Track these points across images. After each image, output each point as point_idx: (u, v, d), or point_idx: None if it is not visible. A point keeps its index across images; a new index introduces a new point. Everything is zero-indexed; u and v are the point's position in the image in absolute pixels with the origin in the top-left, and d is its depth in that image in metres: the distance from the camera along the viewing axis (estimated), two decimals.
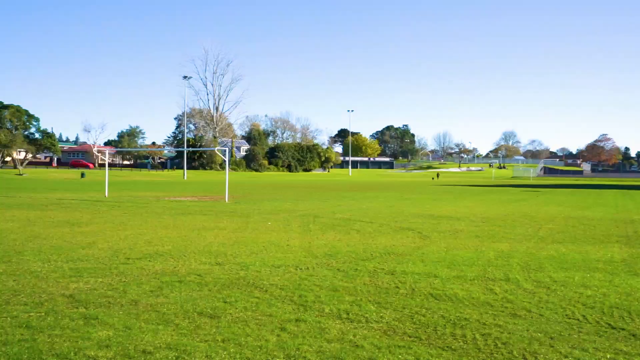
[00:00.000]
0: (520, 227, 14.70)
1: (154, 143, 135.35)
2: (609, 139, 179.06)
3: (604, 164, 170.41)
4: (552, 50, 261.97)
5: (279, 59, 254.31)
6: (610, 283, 7.54)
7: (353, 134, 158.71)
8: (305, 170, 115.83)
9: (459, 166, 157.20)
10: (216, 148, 42.65)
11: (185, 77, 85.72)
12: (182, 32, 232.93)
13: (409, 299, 6.48)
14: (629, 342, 4.98)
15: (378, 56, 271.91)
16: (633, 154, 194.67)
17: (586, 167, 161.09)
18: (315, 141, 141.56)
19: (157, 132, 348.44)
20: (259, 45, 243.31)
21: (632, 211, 21.26)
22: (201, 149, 63.65)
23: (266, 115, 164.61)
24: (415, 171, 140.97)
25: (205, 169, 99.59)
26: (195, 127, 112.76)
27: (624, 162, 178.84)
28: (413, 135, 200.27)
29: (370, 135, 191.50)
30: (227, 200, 25.40)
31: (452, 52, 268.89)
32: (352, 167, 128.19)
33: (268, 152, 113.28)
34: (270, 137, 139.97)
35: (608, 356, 4.59)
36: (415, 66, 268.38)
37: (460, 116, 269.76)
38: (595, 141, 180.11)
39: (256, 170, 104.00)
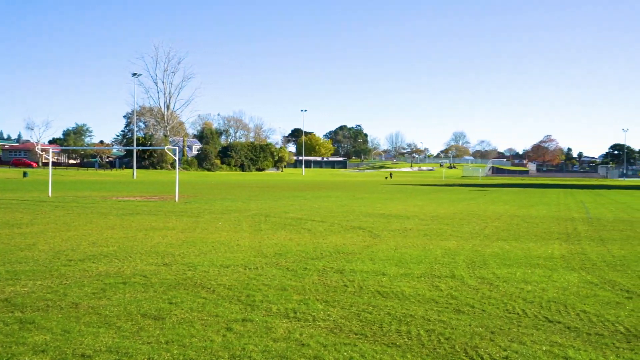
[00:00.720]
0: (467, 226, 15.06)
1: (102, 142, 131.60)
2: (552, 140, 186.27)
3: (548, 164, 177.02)
4: (500, 52, 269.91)
5: (231, 57, 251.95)
6: (549, 278, 7.82)
7: (306, 133, 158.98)
8: (259, 169, 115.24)
9: (411, 166, 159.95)
10: (166, 147, 41.84)
11: (134, 74, 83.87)
12: (132, 28, 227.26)
13: (357, 297, 6.53)
14: (564, 334, 5.18)
15: (331, 57, 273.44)
16: (575, 154, 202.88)
17: (532, 167, 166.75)
18: (269, 140, 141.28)
19: (106, 130, 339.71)
20: (211, 44, 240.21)
21: (573, 210, 22.13)
22: (151, 147, 62.41)
23: (219, 114, 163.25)
24: (368, 171, 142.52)
25: (155, 168, 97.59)
26: (145, 125, 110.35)
27: (567, 162, 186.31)
28: (366, 135, 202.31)
29: (324, 135, 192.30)
30: (177, 200, 24.97)
31: (403, 54, 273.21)
32: (305, 167, 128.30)
33: (221, 151, 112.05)
34: (223, 136, 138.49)
35: (544, 348, 4.75)
36: (367, 67, 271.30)
37: (412, 117, 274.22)
38: (540, 142, 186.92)
39: (208, 170, 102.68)
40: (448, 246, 10.99)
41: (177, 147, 30.79)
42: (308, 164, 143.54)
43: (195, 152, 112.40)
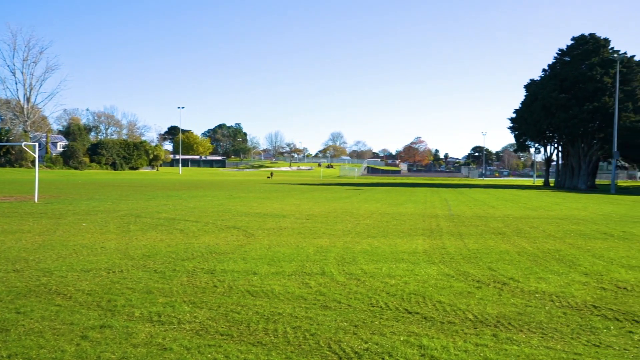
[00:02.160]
0: (340, 224, 15.50)
1: None
2: (422, 142, 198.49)
3: (418, 164, 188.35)
4: (373, 54, 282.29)
5: (103, 49, 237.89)
6: (412, 272, 8.28)
7: (184, 131, 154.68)
8: (132, 168, 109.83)
9: (290, 165, 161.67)
10: (24, 143, 38.31)
11: None
12: None
13: (226, 297, 6.44)
14: (421, 324, 5.51)
15: (211, 53, 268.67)
16: (442, 155, 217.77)
17: (403, 167, 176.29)
18: (143, 138, 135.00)
19: None
20: (79, 33, 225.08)
21: (437, 207, 23.66)
22: (7, 143, 56.83)
23: (88, 109, 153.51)
24: (248, 170, 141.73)
25: (13, 166, 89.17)
26: (1, 119, 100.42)
27: (435, 163, 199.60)
28: (245, 134, 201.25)
29: (202, 133, 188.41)
30: (36, 200, 23.02)
31: (282, 53, 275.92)
32: (182, 166, 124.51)
33: (90, 148, 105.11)
34: (93, 133, 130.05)
35: (402, 338, 5.02)
36: (247, 65, 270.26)
37: (291, 117, 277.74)
38: (411, 143, 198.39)
39: (75, 168, 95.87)
40: (321, 244, 11.23)
41: (36, 143, 28.34)
42: (185, 163, 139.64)
43: (60, 150, 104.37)
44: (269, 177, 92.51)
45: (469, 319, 5.72)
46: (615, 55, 57.32)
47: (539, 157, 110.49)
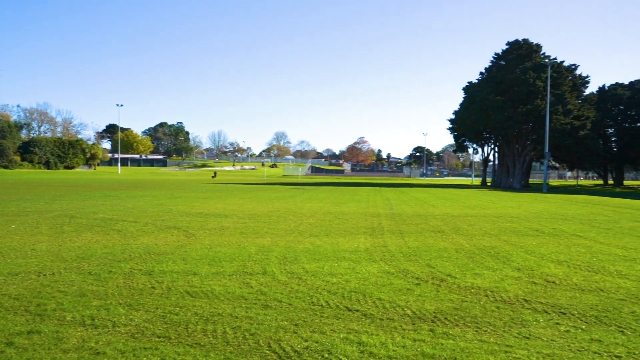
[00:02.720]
0: (283, 223, 15.46)
1: None
2: (365, 142, 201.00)
3: (362, 164, 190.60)
4: (318, 55, 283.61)
5: (35, 43, 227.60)
6: (353, 270, 8.36)
7: (123, 129, 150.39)
8: (68, 167, 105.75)
9: (233, 165, 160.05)
10: None
11: None
12: None
13: (164, 299, 6.29)
14: (361, 321, 5.57)
15: (151, 49, 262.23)
16: (385, 155, 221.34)
17: (347, 166, 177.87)
18: (80, 136, 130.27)
19: None
20: (10, 25, 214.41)
21: (380, 206, 24.01)
22: None
23: (18, 106, 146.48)
24: (190, 169, 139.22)
25: None
26: None
27: (377, 163, 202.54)
28: (188, 133, 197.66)
29: (142, 132, 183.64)
30: None
31: (224, 51, 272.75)
32: (122, 165, 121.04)
33: (21, 146, 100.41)
34: (25, 131, 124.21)
35: (341, 336, 5.05)
36: (189, 63, 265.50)
37: (234, 115, 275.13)
38: (355, 143, 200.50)
39: (5, 167, 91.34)
40: (263, 243, 11.16)
41: None
42: (125, 162, 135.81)
43: None
44: (213, 177, 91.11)
45: (407, 315, 5.83)
46: (547, 60, 59.98)
47: (477, 158, 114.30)
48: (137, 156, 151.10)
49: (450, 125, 73.27)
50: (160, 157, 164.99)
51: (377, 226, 15.13)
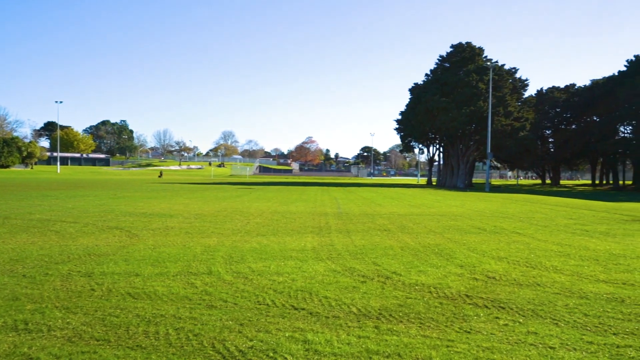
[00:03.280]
0: (230, 222, 15.28)
1: None
2: (314, 142, 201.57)
3: (310, 164, 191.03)
4: (266, 54, 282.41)
5: None
6: (300, 269, 8.35)
7: (62, 127, 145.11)
8: (2, 166, 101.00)
9: (179, 164, 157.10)
10: None
11: None
12: None
13: (104, 301, 6.09)
14: (306, 319, 5.57)
15: (91, 44, 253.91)
16: (333, 155, 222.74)
17: (295, 166, 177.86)
18: (15, 134, 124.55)
19: None
20: None
21: (327, 205, 24.12)
22: None
23: None
24: (134, 169, 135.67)
25: None
26: None
27: (325, 162, 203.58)
28: (132, 132, 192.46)
29: (84, 130, 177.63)
30: None
31: (169, 47, 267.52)
32: (61, 164, 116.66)
33: None
34: None
35: (287, 334, 5.03)
36: (132, 58, 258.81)
37: (180, 114, 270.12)
38: (303, 143, 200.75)
39: None
40: (209, 243, 11.00)
41: None
42: (65, 161, 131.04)
43: None
44: (159, 177, 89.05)
45: (353, 312, 5.87)
46: (489, 63, 62.04)
47: (423, 158, 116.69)
48: (77, 155, 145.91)
49: (397, 126, 74.52)
50: (102, 156, 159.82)
51: (325, 225, 15.18)
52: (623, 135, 72.88)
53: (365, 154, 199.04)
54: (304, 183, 65.58)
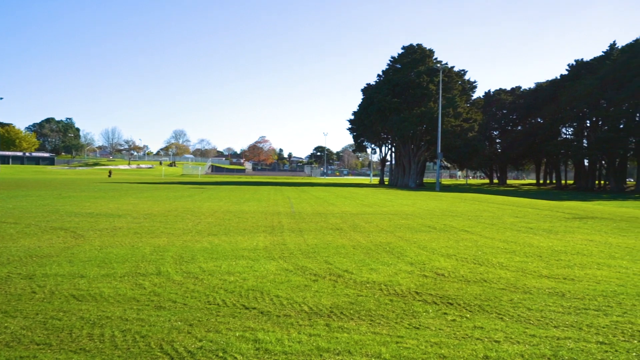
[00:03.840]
0: (181, 222, 15.02)
1: None
2: (267, 141, 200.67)
3: (263, 163, 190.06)
4: (218, 53, 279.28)
5: None
6: (251, 268, 8.28)
7: (3, 124, 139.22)
8: None
9: (129, 163, 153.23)
10: None
11: None
12: None
13: (46, 304, 5.86)
14: (257, 318, 5.52)
15: (34, 39, 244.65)
16: (286, 154, 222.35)
17: (248, 165, 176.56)
18: None
19: None
20: None
21: (280, 205, 24.04)
22: None
23: None
24: (81, 168, 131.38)
25: None
26: None
27: (279, 162, 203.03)
28: (78, 130, 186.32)
29: (26, 128, 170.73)
30: None
31: (117, 44, 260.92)
32: (1, 163, 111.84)
33: None
34: None
35: (237, 334, 4.98)
36: (78, 54, 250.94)
37: (130, 112, 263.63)
38: (256, 142, 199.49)
39: None
40: (158, 243, 10.77)
41: None
42: (5, 160, 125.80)
43: None
44: (109, 176, 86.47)
45: (304, 311, 5.87)
46: (439, 65, 63.29)
47: (376, 157, 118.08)
48: (20, 153, 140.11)
49: (350, 126, 75.10)
50: (47, 154, 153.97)
51: (277, 224, 15.13)
52: (565, 136, 75.95)
53: (319, 153, 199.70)
54: (257, 183, 65.16)
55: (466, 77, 70.03)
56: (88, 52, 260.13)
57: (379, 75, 72.67)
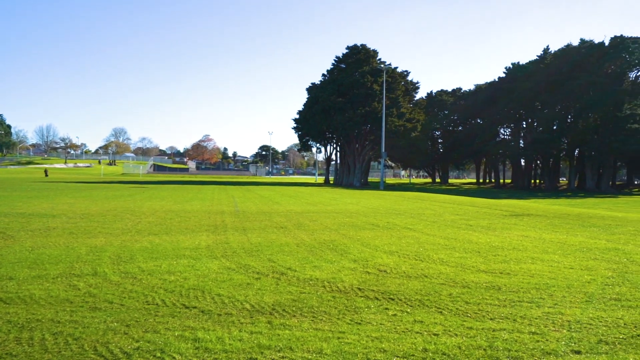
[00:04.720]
0: (120, 222, 14.56)
1: None
2: (211, 140, 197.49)
3: (207, 162, 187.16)
4: (160, 50, 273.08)
5: None
6: (193, 267, 8.12)
7: None
8: None
9: (65, 162, 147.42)
10: None
11: None
12: None
13: None
14: (198, 318, 5.41)
15: None
16: (231, 153, 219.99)
17: (192, 165, 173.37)
18: None
19: None
20: None
21: (224, 204, 23.74)
22: None
23: None
24: (13, 167, 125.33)
25: None
26: None
27: (223, 161, 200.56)
28: (9, 127, 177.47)
29: None
30: None
31: (52, 37, 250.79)
32: None
33: None
34: None
35: (176, 334, 4.85)
36: (11, 47, 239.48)
37: (66, 109, 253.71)
38: (200, 141, 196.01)
39: None
40: (95, 243, 10.39)
41: None
42: None
43: None
44: (46, 175, 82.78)
45: (246, 309, 5.79)
46: (383, 65, 64.31)
47: (321, 157, 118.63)
48: None
49: (295, 125, 75.05)
50: None
51: (220, 223, 14.92)
52: (503, 137, 78.83)
53: (264, 152, 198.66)
54: (201, 182, 64.14)
55: (409, 78, 71.47)
56: (20, 45, 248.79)
57: (324, 75, 73.02)
